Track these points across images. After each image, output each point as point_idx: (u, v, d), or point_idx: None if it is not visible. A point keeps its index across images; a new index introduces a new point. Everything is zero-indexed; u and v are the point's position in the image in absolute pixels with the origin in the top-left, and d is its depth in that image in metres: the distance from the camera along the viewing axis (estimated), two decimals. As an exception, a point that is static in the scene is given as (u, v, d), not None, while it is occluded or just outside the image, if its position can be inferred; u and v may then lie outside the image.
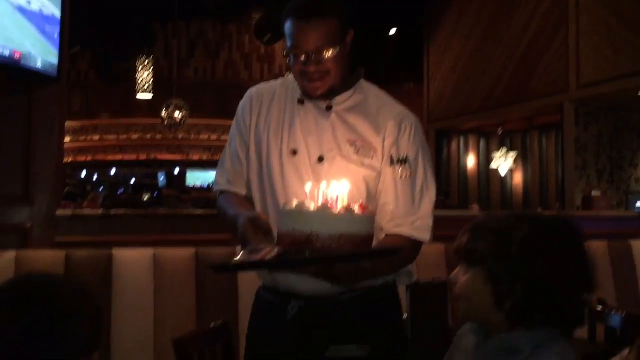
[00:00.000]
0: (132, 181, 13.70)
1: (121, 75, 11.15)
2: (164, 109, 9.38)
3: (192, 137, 12.48)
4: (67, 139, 3.68)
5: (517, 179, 10.97)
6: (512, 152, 10.51)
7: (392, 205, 1.60)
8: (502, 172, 10.62)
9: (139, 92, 8.87)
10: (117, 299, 2.87)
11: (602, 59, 7.24)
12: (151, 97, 9.25)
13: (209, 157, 12.53)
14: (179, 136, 12.10)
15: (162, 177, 13.61)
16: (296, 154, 1.61)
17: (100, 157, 12.75)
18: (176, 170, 13.48)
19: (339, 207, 1.32)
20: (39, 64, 3.00)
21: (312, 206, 1.33)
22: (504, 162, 10.41)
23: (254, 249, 1.37)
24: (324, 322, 1.57)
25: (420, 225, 1.61)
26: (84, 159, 12.64)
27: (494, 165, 10.58)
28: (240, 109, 1.75)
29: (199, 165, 13.03)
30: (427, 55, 10.69)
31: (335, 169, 1.55)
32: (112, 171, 13.89)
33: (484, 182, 11.40)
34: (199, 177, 13.48)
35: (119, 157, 12.74)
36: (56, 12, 3.11)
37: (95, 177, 13.92)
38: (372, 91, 1.69)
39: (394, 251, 1.44)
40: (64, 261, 2.82)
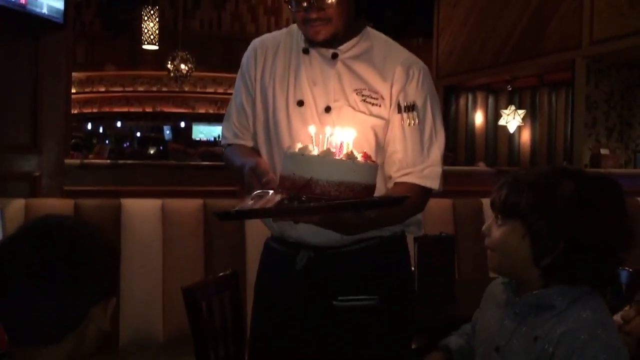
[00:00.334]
0: (138, 135, 13.69)
1: (127, 25, 10.99)
2: (169, 61, 9.29)
3: (198, 90, 12.38)
4: (73, 91, 3.66)
5: (525, 136, 10.89)
6: (521, 110, 10.40)
7: (400, 153, 1.58)
8: (511, 129, 10.53)
9: (145, 43, 8.76)
10: (126, 248, 2.90)
11: (617, 15, 7.08)
12: (157, 48, 9.13)
13: (216, 111, 12.45)
14: (185, 89, 12.01)
15: (168, 131, 13.57)
16: (303, 104, 1.58)
17: (106, 109, 12.70)
18: (182, 123, 13.43)
19: (343, 155, 1.30)
20: (45, 10, 2.96)
21: (315, 151, 1.31)
22: (512, 120, 10.32)
23: (258, 197, 1.36)
24: (333, 272, 1.57)
25: (429, 173, 1.58)
26: (90, 110, 12.59)
27: (502, 122, 10.49)
28: (244, 60, 1.71)
29: (205, 119, 12.96)
30: (438, 9, 10.47)
31: (342, 119, 1.52)
32: (118, 124, 13.86)
33: (492, 140, 11.33)
34: (205, 131, 13.44)
35: (125, 110, 12.68)
36: (62, -43, 3.04)
37: (101, 130, 13.90)
38: (379, 38, 1.65)
39: (400, 200, 1.42)
40: (73, 210, 2.84)
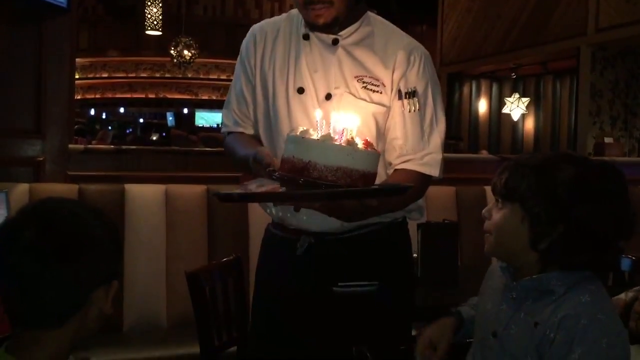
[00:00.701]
0: (141, 121, 13.68)
1: (130, 10, 10.95)
2: (173, 47, 9.26)
3: (201, 76, 12.35)
4: (76, 76, 3.66)
5: (529, 125, 10.86)
6: (525, 98, 10.36)
7: (400, 140, 1.57)
8: (515, 117, 10.50)
9: (148, 28, 8.73)
10: (129, 233, 2.91)
11: (623, 2, 7.02)
12: (160, 34, 9.10)
13: (218, 97, 12.43)
14: (188, 75, 11.98)
15: (171, 117, 13.55)
16: (303, 92, 1.57)
17: (109, 95, 12.69)
18: (185, 110, 13.42)
19: (343, 140, 1.30)
20: (48, -6, 2.95)
21: (316, 135, 1.31)
22: (516, 108, 10.28)
23: (262, 184, 1.36)
24: (334, 258, 1.57)
25: (429, 160, 1.58)
26: (92, 96, 12.58)
27: (506, 110, 10.45)
28: (244, 47, 1.69)
29: (208, 105, 12.95)
30: (442, -4, 10.41)
31: (343, 107, 1.51)
32: (121, 110, 13.85)
33: (495, 128, 11.30)
34: (207, 118, 13.42)
35: (128, 96, 12.66)
36: (65, -60, 3.02)
37: (104, 116, 13.89)
38: (380, 23, 1.63)
39: (403, 189, 1.42)
40: (77, 195, 2.84)
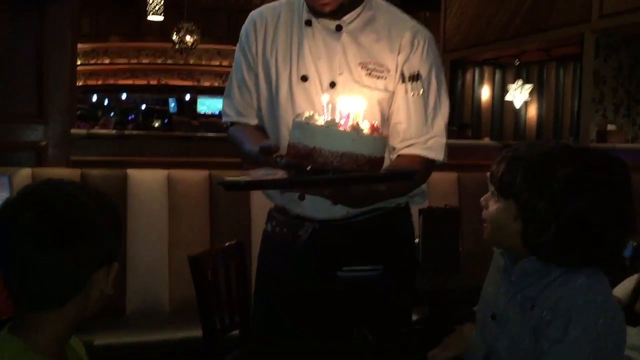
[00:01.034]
0: (143, 107, 13.65)
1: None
2: (175, 32, 9.22)
3: (203, 63, 12.32)
4: (77, 62, 3.65)
5: (532, 112, 10.83)
6: (528, 85, 10.32)
7: (404, 124, 1.56)
8: (517, 104, 10.47)
9: (150, 13, 8.69)
10: (132, 218, 2.92)
11: (628, -12, 6.97)
12: (162, 20, 9.06)
13: (220, 84, 12.40)
14: (190, 62, 11.94)
15: (173, 104, 13.53)
16: (307, 80, 1.55)
17: (111, 82, 12.66)
18: (187, 96, 13.39)
19: (348, 126, 1.29)
20: (49, -22, 2.94)
21: (321, 121, 1.30)
22: (519, 95, 10.25)
23: (267, 173, 1.36)
24: (337, 243, 1.57)
25: (433, 144, 1.57)
26: (95, 82, 12.56)
27: (509, 97, 10.42)
28: (243, 34, 1.66)
29: (210, 92, 12.92)
30: (446, -19, 10.34)
31: (347, 95, 1.50)
32: (123, 96, 13.82)
33: (498, 115, 11.27)
34: (209, 104, 13.40)
35: (130, 82, 12.64)
36: None
37: (106, 102, 13.87)
38: (382, 7, 1.61)
39: (411, 174, 1.41)
40: (80, 180, 2.85)
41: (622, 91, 7.99)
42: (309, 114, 1.34)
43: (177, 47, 9.45)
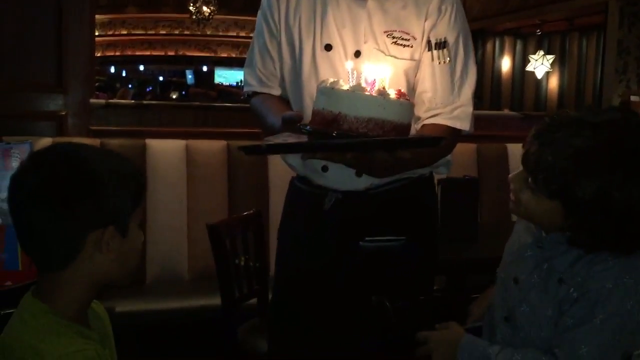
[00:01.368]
0: (161, 79, 13.66)
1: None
2: (191, 3, 9.17)
3: (220, 33, 12.25)
4: (95, 33, 3.64)
5: (553, 83, 10.65)
6: (549, 56, 10.14)
7: (430, 93, 1.53)
8: (539, 75, 10.30)
9: (167, -16, 8.64)
10: (151, 187, 2.94)
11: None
12: (179, -11, 9.02)
13: (238, 55, 12.33)
14: (207, 32, 11.89)
15: (190, 75, 13.53)
16: (331, 49, 1.52)
17: (129, 53, 12.67)
18: (204, 67, 13.37)
19: (375, 91, 1.26)
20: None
21: (346, 86, 1.28)
22: (540, 66, 10.07)
23: (287, 139, 1.33)
24: (360, 213, 1.55)
25: (459, 113, 1.53)
26: (112, 53, 12.57)
27: (530, 68, 10.25)
28: (265, 0, 1.63)
29: (227, 63, 12.87)
30: (467, -51, 10.12)
31: (374, 70, 1.45)
32: (141, 68, 13.83)
33: (518, 86, 11.10)
34: (227, 75, 13.37)
35: (148, 53, 12.63)
36: None
37: (124, 74, 13.90)
38: None
39: (436, 141, 1.37)
40: (99, 149, 2.87)
41: (646, 61, 7.82)
42: (334, 80, 1.31)
43: (194, 17, 9.40)
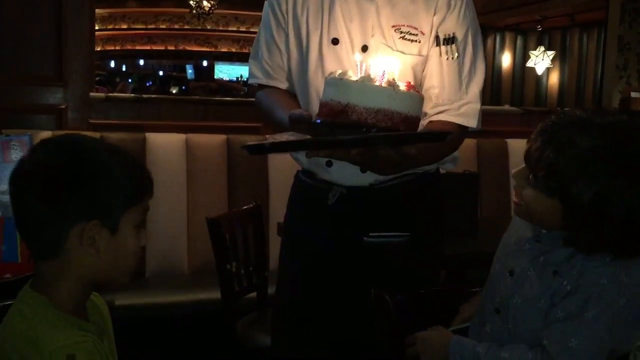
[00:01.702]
0: (161, 73, 13.62)
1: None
2: (192, -3, 9.16)
3: (220, 28, 12.22)
4: (95, 27, 3.62)
5: (554, 79, 10.64)
6: (550, 52, 10.12)
7: (437, 89, 1.51)
8: (539, 71, 10.28)
9: (167, -22, 8.62)
10: (151, 181, 2.94)
11: (657, -50, 6.75)
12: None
13: (238, 50, 12.33)
14: (208, 27, 11.86)
15: (190, 70, 13.49)
16: (338, 43, 1.50)
17: (129, 47, 12.64)
18: (205, 62, 13.34)
19: (384, 81, 1.24)
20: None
21: (355, 77, 1.26)
22: (541, 62, 10.06)
23: (292, 136, 1.31)
24: (365, 208, 1.54)
25: (467, 110, 1.52)
26: (112, 48, 12.55)
27: (530, 64, 10.24)
28: None
29: (227, 58, 12.84)
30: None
31: (383, 62, 1.43)
32: (141, 62, 13.80)
33: (519, 82, 11.09)
34: (227, 70, 13.34)
35: (148, 48, 12.61)
36: None
37: (124, 68, 13.87)
38: None
39: (443, 135, 1.34)
40: (99, 143, 2.87)
41: (647, 58, 7.81)
42: (342, 71, 1.30)
43: (194, 12, 9.39)
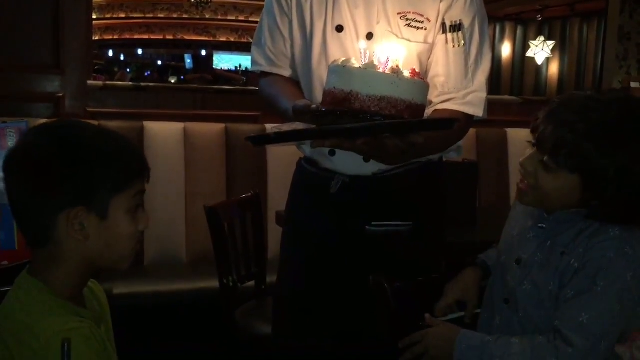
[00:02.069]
0: (159, 63, 13.57)
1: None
2: (190, -14, 9.11)
3: (219, 17, 12.17)
4: (93, 16, 3.60)
5: (553, 69, 10.61)
6: (550, 42, 10.09)
7: (442, 77, 1.49)
8: (539, 61, 10.26)
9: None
10: (149, 170, 2.93)
11: (658, -62, 6.71)
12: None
13: (237, 39, 12.28)
14: (206, 16, 11.81)
15: (189, 60, 13.44)
16: (342, 30, 1.48)
17: (127, 36, 12.59)
18: (203, 52, 13.28)
19: (388, 68, 1.23)
20: None
21: (358, 64, 1.25)
22: (541, 52, 10.03)
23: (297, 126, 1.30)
24: (367, 197, 1.53)
25: (473, 99, 1.50)
26: (110, 37, 12.49)
27: (530, 54, 10.21)
28: None
29: (226, 47, 12.79)
30: None
31: (387, 49, 1.42)
32: (139, 52, 13.75)
33: (518, 72, 11.06)
34: (226, 60, 13.29)
35: (146, 37, 12.55)
36: None
37: (122, 58, 13.81)
38: None
39: (450, 123, 1.33)
40: (97, 131, 2.85)
41: (647, 48, 7.79)
42: (345, 58, 1.28)
43: (192, 1, 9.34)
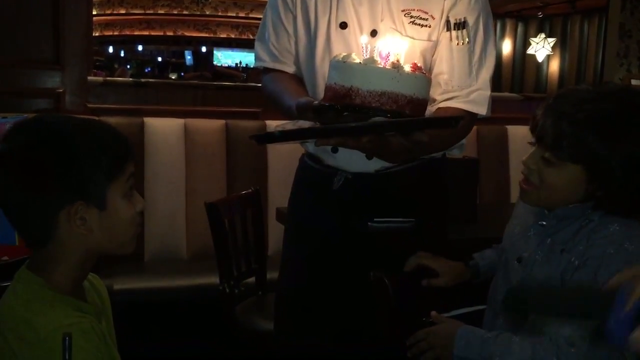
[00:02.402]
0: (160, 59, 13.54)
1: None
2: (191, -18, 9.09)
3: (219, 13, 12.15)
4: (93, 12, 3.59)
5: (554, 66, 10.61)
6: (551, 39, 10.08)
7: (446, 75, 1.49)
8: (540, 58, 10.25)
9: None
10: (149, 166, 2.93)
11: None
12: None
13: (237, 36, 12.25)
14: (206, 12, 11.79)
15: (189, 57, 13.41)
16: (346, 27, 1.47)
17: (127, 33, 12.56)
18: (203, 48, 13.26)
19: (388, 63, 1.22)
20: None
21: (359, 59, 1.25)
22: (541, 49, 10.02)
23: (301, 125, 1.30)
24: (370, 194, 1.53)
25: (476, 97, 1.49)
26: (111, 33, 12.47)
27: (531, 51, 10.20)
28: None
29: (227, 44, 12.77)
30: None
31: (389, 44, 1.42)
32: (140, 48, 13.72)
33: (519, 69, 11.06)
34: (226, 56, 13.27)
35: (146, 33, 12.53)
36: None
37: (122, 54, 13.78)
38: None
39: (455, 120, 1.32)
40: (97, 127, 2.85)
41: (648, 45, 7.78)
42: (346, 54, 1.28)
43: (193, -3, 9.32)
